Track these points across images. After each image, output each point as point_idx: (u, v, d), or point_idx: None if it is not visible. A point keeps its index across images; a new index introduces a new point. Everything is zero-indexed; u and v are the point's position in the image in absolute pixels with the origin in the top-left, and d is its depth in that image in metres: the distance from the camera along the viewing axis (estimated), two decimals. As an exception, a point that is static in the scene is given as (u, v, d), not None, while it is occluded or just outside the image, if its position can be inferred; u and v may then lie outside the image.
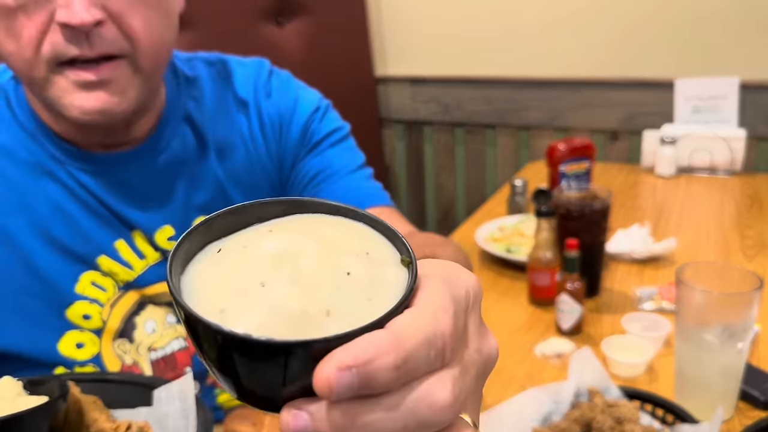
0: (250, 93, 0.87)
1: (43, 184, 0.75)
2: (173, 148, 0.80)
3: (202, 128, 0.83)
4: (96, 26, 0.63)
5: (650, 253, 1.25)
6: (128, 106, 0.69)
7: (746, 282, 0.74)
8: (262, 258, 0.29)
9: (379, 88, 2.24)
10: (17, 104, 0.76)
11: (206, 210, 0.82)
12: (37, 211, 0.75)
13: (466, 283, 0.30)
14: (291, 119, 0.88)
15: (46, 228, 0.75)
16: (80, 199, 0.76)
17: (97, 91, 0.66)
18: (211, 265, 0.30)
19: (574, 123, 2.01)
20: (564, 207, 1.10)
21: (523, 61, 2.03)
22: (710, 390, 0.78)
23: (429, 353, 0.26)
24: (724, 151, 1.75)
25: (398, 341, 0.26)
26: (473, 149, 2.20)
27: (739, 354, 0.76)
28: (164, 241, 0.80)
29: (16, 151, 0.75)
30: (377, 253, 0.31)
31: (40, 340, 0.76)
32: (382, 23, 2.18)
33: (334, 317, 0.27)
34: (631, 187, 1.73)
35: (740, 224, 1.42)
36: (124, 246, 0.79)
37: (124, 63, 0.67)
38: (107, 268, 0.78)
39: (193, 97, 0.83)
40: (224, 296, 0.28)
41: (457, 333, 0.28)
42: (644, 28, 1.87)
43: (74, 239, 0.76)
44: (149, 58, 0.69)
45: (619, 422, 0.71)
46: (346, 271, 0.29)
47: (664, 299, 1.09)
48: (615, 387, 0.77)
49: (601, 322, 1.05)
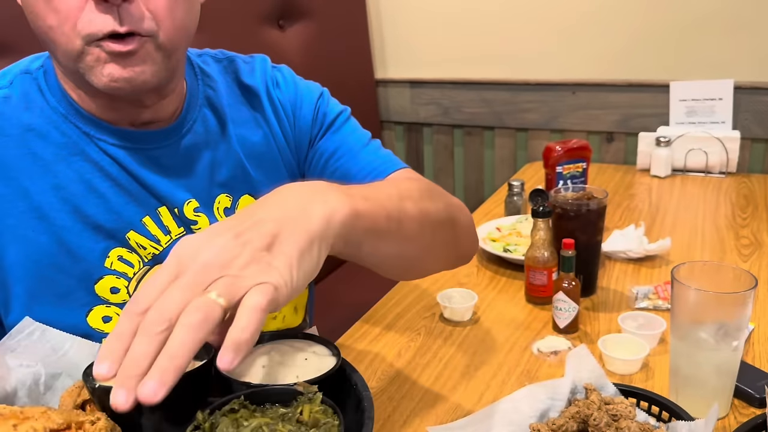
0: (259, 83, 0.93)
1: (75, 163, 0.79)
2: (197, 130, 0.86)
3: (221, 112, 0.89)
4: (125, 3, 0.70)
5: (646, 252, 1.26)
6: (150, 77, 0.74)
7: (741, 281, 0.75)
8: None
9: (379, 91, 2.25)
10: (48, 90, 0.80)
11: (228, 186, 0.88)
12: (69, 189, 0.78)
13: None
14: (301, 105, 0.95)
15: (78, 205, 0.79)
16: (110, 176, 0.80)
17: (124, 61, 0.72)
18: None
19: (571, 125, 2.03)
20: (560, 207, 1.11)
21: (521, 65, 2.04)
22: (705, 387, 0.79)
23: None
24: (718, 152, 1.76)
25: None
26: (472, 150, 2.21)
27: (734, 352, 0.77)
28: (191, 212, 0.85)
29: (48, 133, 0.78)
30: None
31: (70, 314, 0.79)
32: (382, 27, 2.19)
33: None
34: (626, 187, 1.74)
35: (735, 224, 1.44)
36: (150, 222, 0.83)
37: (148, 40, 0.73)
38: (135, 243, 0.82)
39: (209, 86, 0.90)
40: None
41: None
42: (639, 32, 1.89)
43: (105, 215, 0.80)
44: (170, 38, 0.74)
45: (615, 419, 0.72)
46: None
47: (659, 298, 1.10)
48: (611, 384, 0.78)
49: (597, 320, 1.07)
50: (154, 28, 0.72)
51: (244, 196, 0.90)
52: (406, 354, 0.99)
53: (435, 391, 0.89)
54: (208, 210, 0.87)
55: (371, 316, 1.11)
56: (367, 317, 1.10)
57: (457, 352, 0.99)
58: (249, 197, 0.90)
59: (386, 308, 1.13)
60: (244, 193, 0.90)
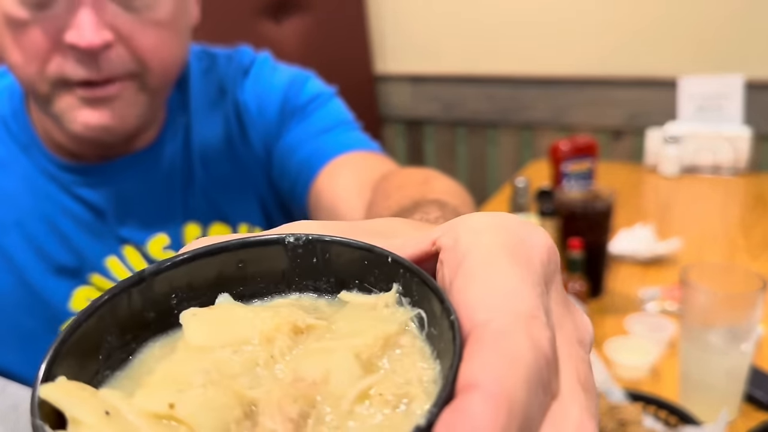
0: (228, 84, 0.84)
1: (36, 199, 0.74)
2: (167, 156, 0.79)
3: (190, 134, 0.81)
4: (105, 49, 0.62)
5: (654, 253, 1.24)
6: (131, 124, 0.68)
7: (750, 283, 0.74)
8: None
9: (379, 86, 2.23)
10: (11, 116, 0.75)
11: (198, 217, 0.81)
12: (30, 226, 0.74)
13: (538, 247, 0.21)
14: (268, 98, 0.83)
15: (40, 244, 0.74)
16: (72, 214, 0.75)
17: (102, 108, 0.65)
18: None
19: (577, 121, 2.01)
20: (567, 207, 1.10)
21: (526, 59, 2.02)
22: (714, 392, 0.77)
23: (538, 393, 0.17)
24: (728, 150, 1.73)
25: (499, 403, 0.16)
26: (475, 148, 2.19)
27: (743, 355, 0.75)
28: (158, 251, 0.79)
29: (8, 164, 0.74)
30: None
31: (35, 357, 0.75)
32: (381, 20, 2.17)
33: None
34: (634, 186, 1.72)
35: (744, 224, 1.41)
36: (115, 263, 0.78)
37: (130, 82, 0.66)
38: (101, 286, 0.77)
39: (182, 102, 0.82)
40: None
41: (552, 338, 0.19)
42: (648, 27, 1.86)
43: (67, 255, 0.75)
44: (158, 77, 0.68)
45: (622, 425, 0.71)
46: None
47: (667, 300, 1.08)
48: (618, 389, 0.77)
49: (605, 323, 1.05)
50: (139, 70, 0.66)
51: (214, 224, 0.82)
52: (408, 356, 0.97)
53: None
54: (177, 245, 0.79)
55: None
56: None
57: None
58: (220, 224, 0.82)
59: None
60: (213, 220, 0.82)
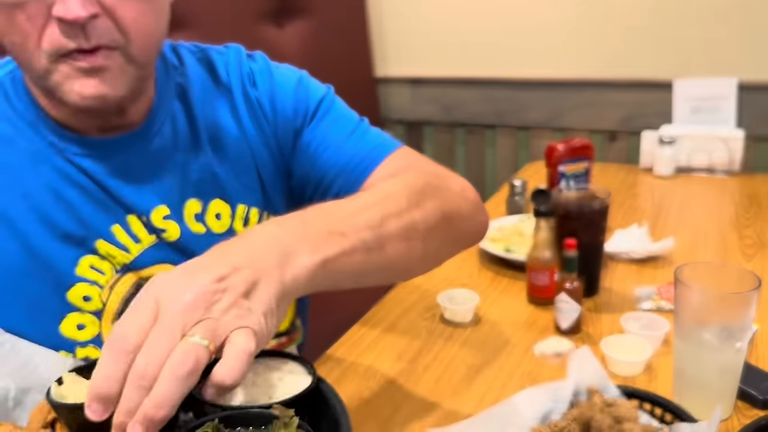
0: (233, 80, 0.90)
1: (43, 171, 0.78)
2: (165, 132, 0.84)
3: (192, 111, 0.87)
4: (91, 19, 0.68)
5: (649, 252, 1.25)
6: (122, 92, 0.74)
7: (744, 282, 0.74)
8: None
9: (380, 89, 2.25)
10: (15, 96, 0.79)
11: (198, 190, 0.86)
12: (37, 197, 0.78)
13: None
14: (278, 97, 0.91)
15: (46, 213, 0.78)
16: (78, 185, 0.79)
17: (94, 77, 0.71)
18: None
19: (573, 123, 2.02)
20: (563, 207, 1.11)
21: (523, 62, 2.04)
22: (709, 389, 0.78)
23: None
24: (722, 152, 1.75)
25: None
26: (473, 149, 2.20)
27: (737, 353, 0.76)
28: (160, 220, 0.84)
29: (15, 141, 0.78)
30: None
31: (42, 322, 0.78)
32: (382, 24, 2.19)
33: None
34: (629, 187, 1.73)
35: (738, 224, 1.43)
36: (120, 230, 0.82)
37: (117, 53, 0.72)
38: (105, 252, 0.81)
39: (180, 83, 0.88)
40: None
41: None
42: (643, 29, 1.88)
43: (73, 224, 0.79)
44: (141, 48, 0.73)
45: (617, 421, 0.71)
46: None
47: (662, 299, 1.09)
48: (614, 386, 0.77)
49: (600, 321, 1.06)
50: (123, 42, 0.71)
51: (214, 201, 0.87)
52: (406, 355, 0.98)
53: (435, 393, 0.88)
54: (177, 216, 0.84)
55: (371, 318, 1.10)
56: (367, 319, 1.10)
57: (458, 354, 0.98)
58: (220, 201, 0.88)
59: (386, 309, 1.13)
60: (214, 197, 0.87)
